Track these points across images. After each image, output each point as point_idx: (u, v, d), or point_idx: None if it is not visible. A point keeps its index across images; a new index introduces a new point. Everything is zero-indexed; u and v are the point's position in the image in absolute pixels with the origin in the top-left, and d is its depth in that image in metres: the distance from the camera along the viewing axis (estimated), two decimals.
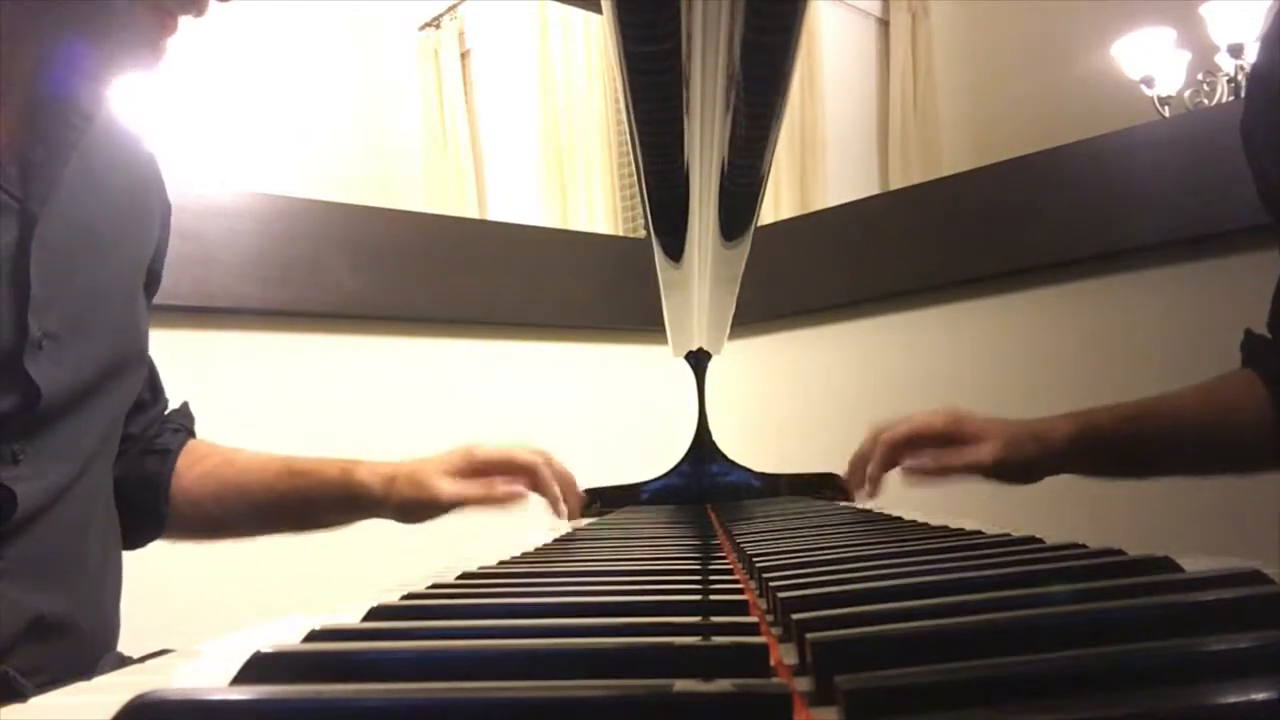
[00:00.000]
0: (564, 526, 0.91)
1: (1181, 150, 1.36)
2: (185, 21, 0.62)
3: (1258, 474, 0.82)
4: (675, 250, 0.61)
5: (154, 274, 0.79)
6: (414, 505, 0.85)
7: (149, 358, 0.84)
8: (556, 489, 0.89)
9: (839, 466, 0.98)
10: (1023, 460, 0.84)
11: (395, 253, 1.53)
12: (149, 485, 0.83)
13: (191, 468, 0.86)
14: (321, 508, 0.88)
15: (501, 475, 0.88)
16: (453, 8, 4.10)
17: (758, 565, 0.42)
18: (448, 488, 0.84)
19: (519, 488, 0.87)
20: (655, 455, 1.05)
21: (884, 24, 4.04)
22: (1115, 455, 0.85)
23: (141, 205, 0.76)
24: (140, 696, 0.21)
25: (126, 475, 0.82)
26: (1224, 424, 0.81)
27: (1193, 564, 0.34)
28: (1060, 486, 0.98)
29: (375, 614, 0.35)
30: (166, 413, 0.89)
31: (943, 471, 0.86)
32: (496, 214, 3.79)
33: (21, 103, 0.62)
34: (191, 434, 0.89)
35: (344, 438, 1.43)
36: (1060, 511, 1.07)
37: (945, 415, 0.87)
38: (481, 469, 0.87)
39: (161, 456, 0.84)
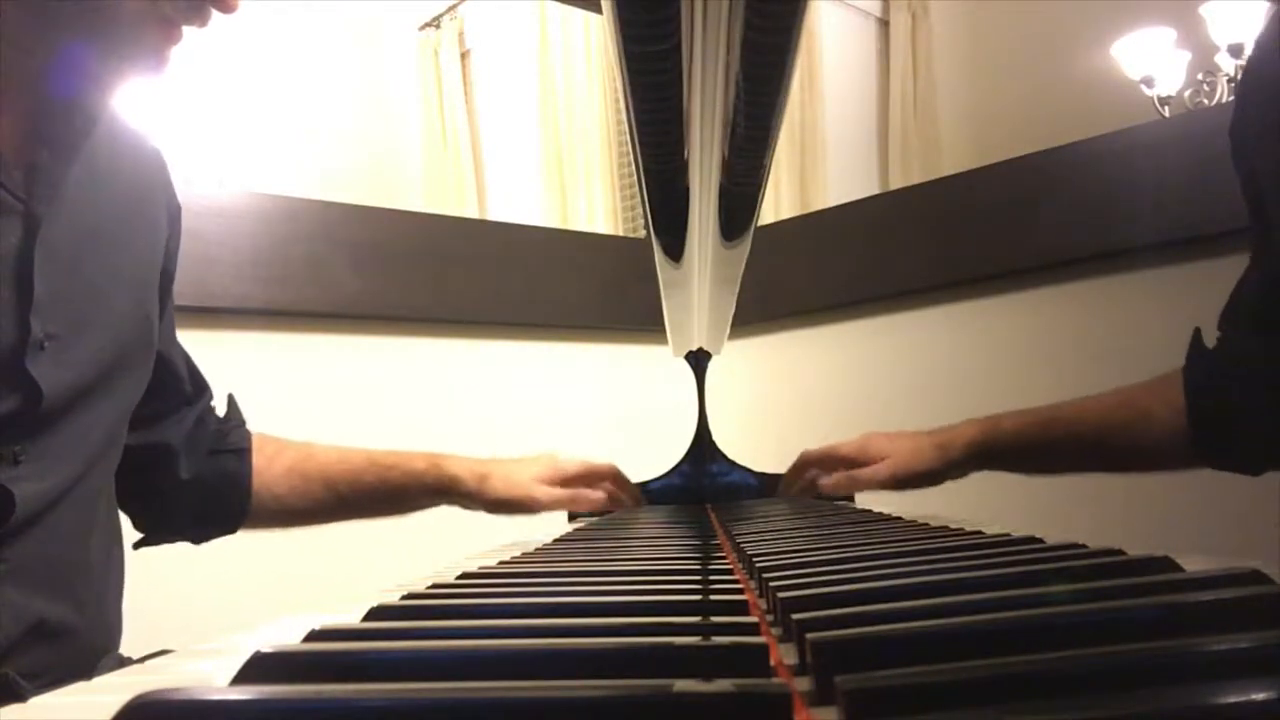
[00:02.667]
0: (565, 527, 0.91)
1: (1181, 150, 1.36)
2: (188, 30, 0.62)
3: (1165, 472, 0.88)
4: (675, 250, 0.61)
5: (166, 273, 0.79)
6: (508, 504, 0.94)
7: (185, 354, 0.85)
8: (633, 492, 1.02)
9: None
10: (923, 471, 0.93)
11: (395, 253, 1.53)
12: (232, 485, 0.88)
13: (270, 463, 0.90)
14: (410, 498, 0.95)
15: (582, 484, 0.98)
16: (453, 8, 4.10)
17: (758, 565, 0.42)
18: (544, 494, 0.94)
19: (599, 494, 0.97)
20: (655, 455, 1.05)
21: (884, 24, 4.04)
22: (1019, 457, 0.93)
23: (148, 204, 0.76)
24: (140, 696, 0.21)
25: (201, 475, 0.85)
26: (1132, 429, 0.86)
27: (1193, 564, 0.34)
28: (1061, 487, 0.98)
29: (375, 614, 0.35)
30: (223, 414, 0.91)
31: (849, 485, 0.96)
32: (496, 214, 3.79)
33: (27, 105, 0.62)
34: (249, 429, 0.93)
35: (344, 438, 1.43)
36: (1060, 511, 1.07)
37: (855, 442, 0.98)
38: (565, 480, 0.97)
39: (238, 456, 0.88)
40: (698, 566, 0.46)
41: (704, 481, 1.02)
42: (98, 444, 0.69)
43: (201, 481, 0.85)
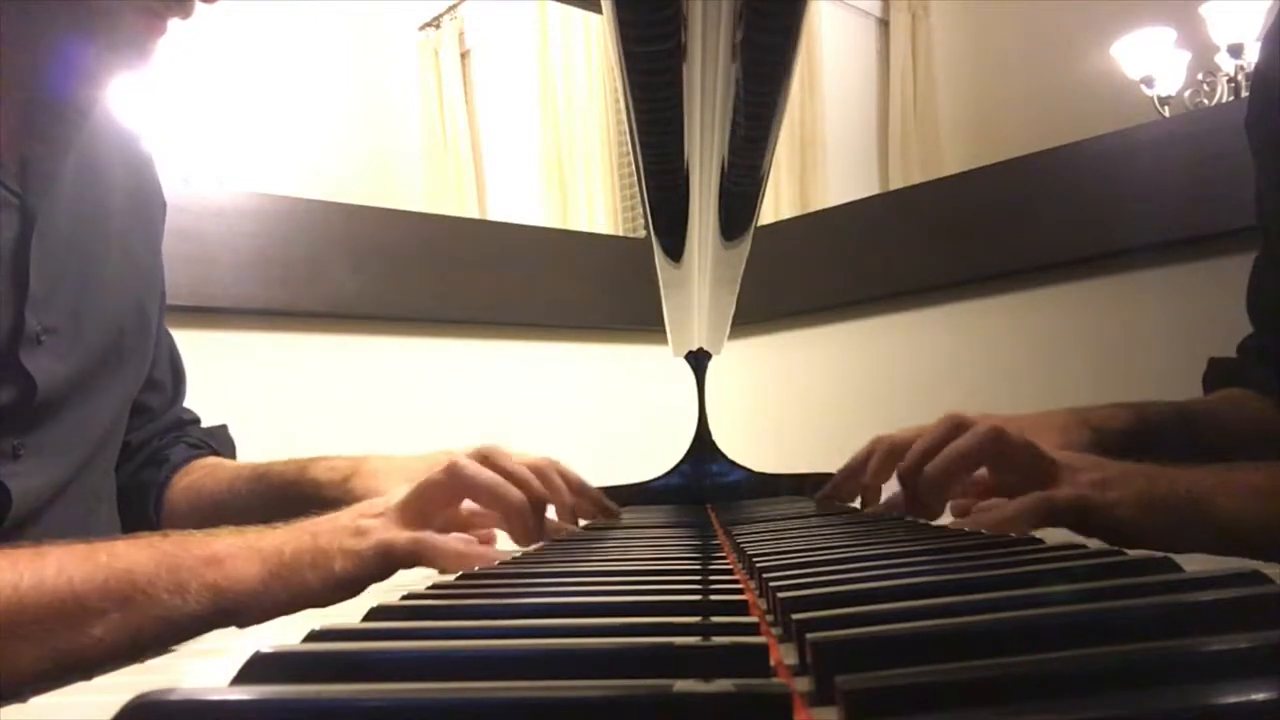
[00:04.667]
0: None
1: (1181, 150, 1.36)
2: (175, 23, 0.62)
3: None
4: (675, 250, 0.61)
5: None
6: None
7: (180, 365, 0.83)
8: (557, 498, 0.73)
9: (839, 466, 0.98)
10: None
11: (395, 253, 1.53)
12: (140, 493, 0.81)
13: (181, 480, 0.83)
14: (290, 509, 0.74)
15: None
16: (453, 8, 4.10)
17: (758, 565, 0.42)
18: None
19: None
20: (655, 455, 1.05)
21: (884, 24, 4.04)
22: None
23: (143, 201, 0.77)
24: (140, 696, 0.21)
25: (124, 485, 0.80)
26: (1256, 434, 0.76)
27: (1193, 564, 0.34)
28: None
29: (375, 614, 0.35)
30: (202, 427, 0.88)
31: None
32: (496, 214, 3.79)
33: (18, 100, 0.62)
34: (214, 452, 0.87)
35: (344, 438, 1.42)
36: None
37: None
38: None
39: (158, 466, 0.82)
40: (698, 566, 0.46)
41: (704, 481, 1.02)
42: (97, 436, 0.69)
43: (122, 490, 0.79)
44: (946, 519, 0.69)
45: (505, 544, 0.69)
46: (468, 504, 0.66)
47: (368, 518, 0.59)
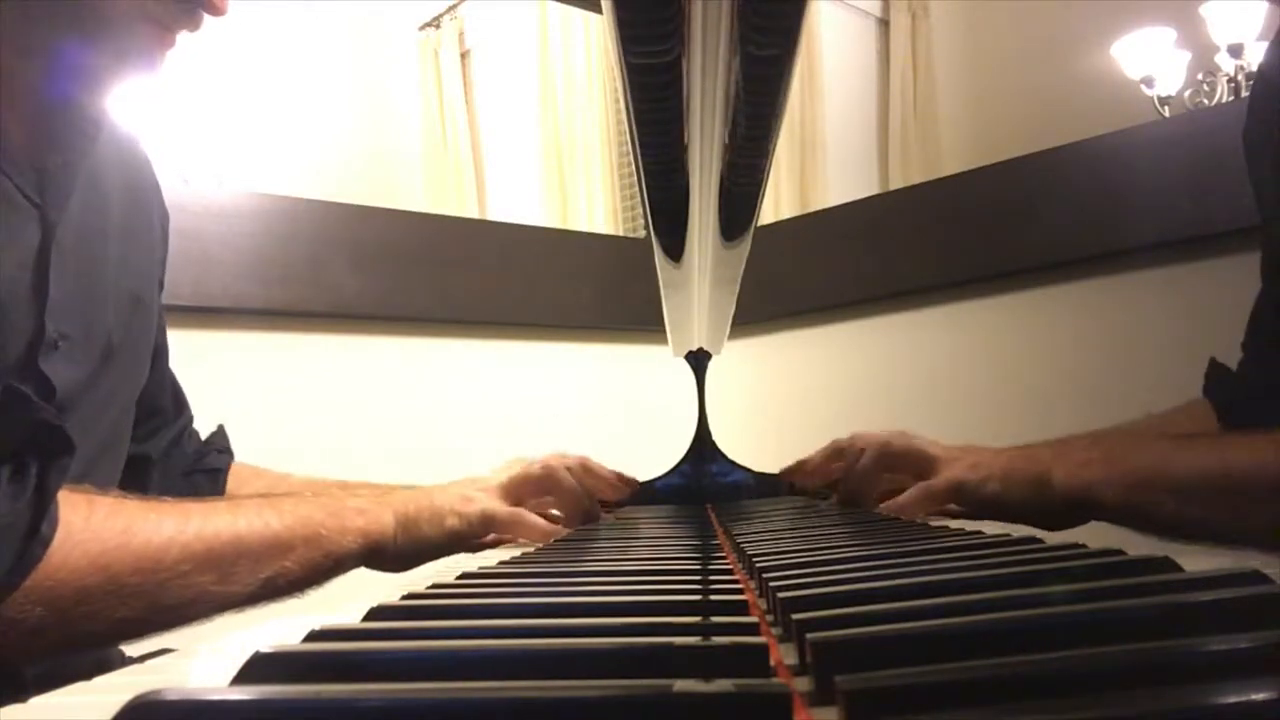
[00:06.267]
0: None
1: (1181, 150, 1.36)
2: (181, 34, 0.63)
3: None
4: (675, 250, 0.61)
5: (159, 283, 0.80)
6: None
7: (170, 372, 0.85)
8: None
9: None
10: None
11: (395, 253, 1.53)
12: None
13: (241, 489, 0.86)
14: None
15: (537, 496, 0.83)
16: (453, 8, 4.10)
17: (758, 565, 0.42)
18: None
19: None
20: (655, 455, 1.05)
21: (884, 24, 4.04)
22: None
23: (144, 205, 0.77)
24: (140, 696, 0.21)
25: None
26: None
27: (1193, 564, 0.34)
28: None
29: (375, 614, 0.35)
30: (205, 437, 0.89)
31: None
32: (496, 214, 3.79)
33: (32, 109, 0.62)
34: (232, 456, 0.90)
35: (344, 438, 1.43)
36: None
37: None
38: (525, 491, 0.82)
39: (212, 477, 0.85)
40: (698, 566, 0.46)
41: (704, 481, 1.02)
42: (103, 438, 0.70)
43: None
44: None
45: None
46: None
47: (473, 491, 0.75)
